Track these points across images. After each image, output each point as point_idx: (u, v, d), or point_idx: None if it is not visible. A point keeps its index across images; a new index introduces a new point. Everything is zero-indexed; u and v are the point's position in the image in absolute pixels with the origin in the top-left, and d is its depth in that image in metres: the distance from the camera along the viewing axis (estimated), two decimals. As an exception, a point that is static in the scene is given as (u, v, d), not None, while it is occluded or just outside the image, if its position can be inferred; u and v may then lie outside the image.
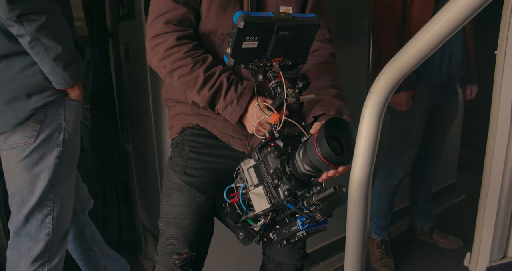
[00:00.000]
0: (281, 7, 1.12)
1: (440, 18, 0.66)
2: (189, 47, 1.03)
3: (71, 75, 1.27)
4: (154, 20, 1.07)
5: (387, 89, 0.76)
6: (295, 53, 0.96)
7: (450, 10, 0.64)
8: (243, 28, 0.80)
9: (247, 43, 0.85)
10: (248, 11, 1.01)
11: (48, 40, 1.18)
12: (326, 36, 1.21)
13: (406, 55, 0.73)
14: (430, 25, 0.68)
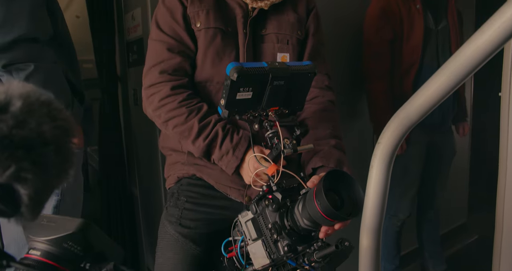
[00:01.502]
0: (278, 54, 1.13)
1: (446, 70, 0.67)
2: (184, 96, 1.04)
3: None
4: (150, 70, 1.08)
5: (395, 140, 0.76)
6: (292, 102, 0.95)
7: (455, 64, 0.66)
8: (236, 80, 0.79)
9: (241, 94, 0.84)
10: (241, 62, 1.01)
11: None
12: (326, 83, 1.20)
13: (413, 105, 0.73)
14: (437, 77, 0.69)
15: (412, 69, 1.91)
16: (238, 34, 1.11)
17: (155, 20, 1.12)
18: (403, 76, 1.93)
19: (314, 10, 1.23)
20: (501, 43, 0.59)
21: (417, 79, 1.93)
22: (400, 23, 1.90)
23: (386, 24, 1.88)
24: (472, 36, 0.62)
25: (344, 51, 2.04)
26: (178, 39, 1.09)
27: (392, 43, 1.91)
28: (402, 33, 1.90)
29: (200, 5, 1.09)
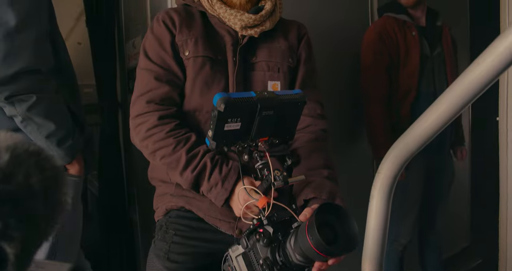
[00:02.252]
0: (268, 82, 1.12)
1: (444, 101, 0.68)
2: (171, 126, 1.02)
3: (66, 153, 1.25)
4: (137, 99, 1.07)
5: (394, 170, 0.77)
6: (282, 132, 0.93)
7: (452, 95, 0.67)
8: (223, 111, 0.78)
9: (229, 125, 0.82)
10: (230, 92, 1.02)
11: (40, 118, 1.17)
12: (318, 111, 1.18)
13: (413, 135, 0.74)
14: (434, 108, 0.70)
15: (410, 94, 1.93)
16: (228, 62, 1.11)
17: (143, 49, 1.12)
18: (400, 101, 1.95)
19: (305, 37, 1.23)
20: (496, 75, 0.61)
21: (415, 103, 1.94)
22: (397, 48, 1.93)
23: (383, 49, 1.91)
24: (467, 68, 0.64)
25: (342, 75, 2.07)
26: (166, 67, 1.08)
27: (389, 68, 1.93)
28: (398, 58, 1.93)
29: (189, 34, 1.09)
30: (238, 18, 1.08)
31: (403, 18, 1.95)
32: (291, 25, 1.22)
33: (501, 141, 1.51)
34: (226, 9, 1.09)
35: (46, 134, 1.20)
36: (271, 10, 1.13)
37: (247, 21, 1.08)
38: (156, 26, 1.11)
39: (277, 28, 1.17)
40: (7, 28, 1.11)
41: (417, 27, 1.96)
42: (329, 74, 2.00)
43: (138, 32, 1.99)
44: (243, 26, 1.09)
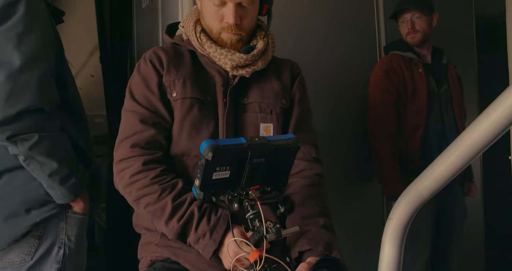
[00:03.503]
0: (261, 125, 1.07)
1: (455, 149, 0.68)
2: (157, 172, 0.96)
3: (70, 191, 1.23)
4: (121, 143, 1.02)
5: (407, 215, 0.76)
6: (274, 179, 0.87)
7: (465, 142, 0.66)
8: (211, 159, 0.73)
9: (218, 174, 0.77)
10: (219, 138, 0.98)
11: (42, 157, 1.17)
12: (313, 155, 1.12)
13: (425, 182, 0.73)
14: (446, 155, 0.70)
15: (418, 130, 1.93)
16: (218, 104, 1.06)
17: (129, 89, 1.08)
18: (409, 137, 1.94)
19: (299, 77, 1.19)
20: (507, 126, 0.60)
21: (424, 140, 1.94)
22: (404, 85, 1.95)
23: (391, 87, 1.93)
24: (478, 118, 0.64)
25: (350, 112, 2.09)
26: (153, 109, 1.03)
27: (396, 105, 1.95)
28: (406, 95, 1.95)
29: (177, 74, 1.05)
30: (228, 57, 1.04)
31: (410, 55, 1.98)
32: (284, 64, 1.19)
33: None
34: (217, 48, 1.05)
35: (48, 172, 1.19)
36: (263, 49, 1.10)
37: (238, 60, 1.04)
38: (143, 65, 1.08)
39: (270, 68, 1.14)
40: (11, 69, 1.12)
41: (424, 65, 2.00)
42: (337, 111, 2.02)
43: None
44: (234, 66, 1.05)
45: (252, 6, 1.05)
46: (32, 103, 1.14)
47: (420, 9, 1.95)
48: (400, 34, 2.07)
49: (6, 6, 1.16)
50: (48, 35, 1.24)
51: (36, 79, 1.16)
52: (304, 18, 1.90)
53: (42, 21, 1.23)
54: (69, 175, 1.22)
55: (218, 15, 1.04)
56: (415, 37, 1.97)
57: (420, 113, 1.93)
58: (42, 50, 1.20)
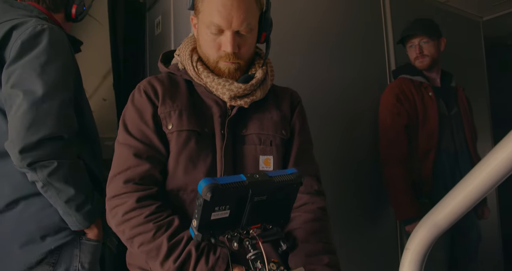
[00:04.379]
0: (260, 157, 1.03)
1: (473, 179, 0.68)
2: (151, 210, 0.90)
3: (85, 217, 1.25)
4: (114, 178, 0.96)
5: (424, 246, 0.75)
6: (275, 216, 0.83)
7: (483, 172, 0.67)
8: (210, 199, 0.68)
9: (217, 214, 0.72)
10: (217, 176, 0.92)
11: (60, 184, 1.19)
12: (315, 187, 1.07)
13: (442, 212, 0.73)
14: (464, 185, 0.70)
15: (430, 154, 1.92)
16: (215, 136, 1.01)
17: (123, 121, 1.02)
18: (421, 161, 1.93)
19: (299, 106, 1.15)
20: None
21: (436, 163, 1.92)
22: (415, 109, 1.95)
23: (401, 110, 1.93)
24: (495, 148, 0.64)
25: (361, 137, 2.09)
26: (147, 143, 0.98)
27: (407, 128, 1.94)
28: (417, 119, 1.95)
29: (173, 105, 1.01)
30: (226, 87, 1.00)
31: (420, 79, 2.00)
32: (283, 93, 1.15)
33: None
34: (214, 78, 1.01)
35: (65, 199, 1.21)
36: (262, 79, 1.06)
37: (236, 90, 1.00)
38: (137, 96, 1.03)
39: (269, 97, 1.10)
40: (33, 98, 1.16)
41: (433, 88, 2.00)
42: (348, 135, 2.02)
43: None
44: (232, 96, 1.01)
45: (250, 34, 1.01)
46: (53, 131, 1.17)
47: (427, 34, 1.97)
48: (408, 57, 2.09)
49: (32, 38, 1.21)
50: (68, 65, 1.29)
51: (56, 108, 1.20)
52: (312, 43, 1.93)
53: (64, 52, 1.28)
54: (85, 202, 1.24)
55: (216, 44, 1.00)
56: (424, 61, 1.99)
57: (431, 136, 1.93)
58: (63, 79, 1.24)
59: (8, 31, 1.23)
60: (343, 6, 2.09)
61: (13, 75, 1.18)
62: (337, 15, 2.06)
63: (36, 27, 1.23)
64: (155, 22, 2.20)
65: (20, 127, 1.14)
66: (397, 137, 1.92)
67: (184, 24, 1.78)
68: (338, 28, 2.05)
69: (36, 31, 1.22)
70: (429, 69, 2.02)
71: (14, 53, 1.20)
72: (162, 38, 2.08)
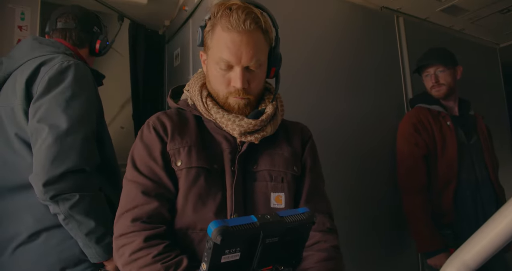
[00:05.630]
0: (271, 194, 1.01)
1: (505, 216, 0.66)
2: (159, 249, 0.88)
3: (105, 250, 1.25)
4: (121, 216, 0.94)
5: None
6: (287, 257, 0.81)
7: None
8: (220, 243, 0.66)
9: (227, 257, 0.70)
10: (225, 219, 0.86)
11: (81, 216, 1.20)
12: (327, 225, 1.04)
13: (471, 251, 0.70)
14: (494, 223, 0.68)
15: (451, 184, 1.88)
16: (225, 173, 0.99)
17: (131, 158, 1.01)
18: (441, 191, 1.89)
19: (310, 141, 1.14)
20: None
21: (457, 193, 1.88)
22: (433, 139, 1.93)
23: (419, 140, 1.91)
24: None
25: (380, 166, 2.07)
26: (156, 180, 0.96)
27: (426, 158, 1.92)
28: (435, 148, 1.92)
29: (182, 142, 0.99)
30: (236, 123, 0.99)
31: (437, 109, 1.98)
32: (294, 129, 1.14)
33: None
34: (224, 114, 1.00)
35: (86, 231, 1.22)
36: (272, 114, 1.05)
37: (246, 126, 0.99)
38: (146, 133, 1.03)
39: (279, 133, 1.09)
40: (58, 132, 1.20)
41: (451, 117, 1.98)
42: (368, 165, 2.00)
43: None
44: (242, 132, 0.99)
45: (260, 70, 1.01)
46: (76, 164, 1.20)
47: (443, 63, 1.97)
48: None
49: (59, 74, 1.27)
50: (92, 100, 1.33)
51: (80, 141, 1.23)
52: (325, 75, 1.95)
53: (88, 87, 1.33)
54: (105, 234, 1.25)
55: (225, 79, 0.99)
56: (440, 90, 1.98)
57: (451, 166, 1.89)
58: (86, 114, 1.28)
59: (37, 68, 1.28)
60: (357, 36, 2.12)
61: (40, 110, 1.22)
62: (351, 46, 2.08)
63: (62, 63, 1.28)
64: (174, 54, 2.27)
65: (44, 161, 1.17)
66: (416, 167, 1.89)
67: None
68: (352, 59, 2.07)
69: (63, 67, 1.28)
70: (446, 98, 2.00)
71: (42, 89, 1.25)
72: (181, 69, 2.14)
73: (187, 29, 2.05)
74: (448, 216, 1.87)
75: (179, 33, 2.21)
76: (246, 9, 0.96)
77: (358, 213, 1.92)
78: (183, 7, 2.04)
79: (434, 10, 2.38)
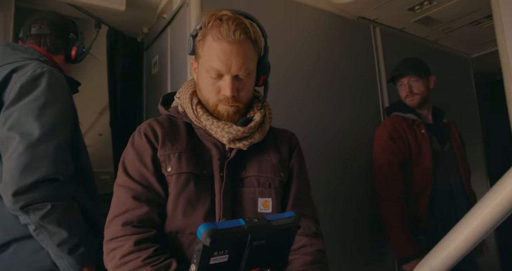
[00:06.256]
0: (259, 199, 1.04)
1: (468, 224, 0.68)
2: (149, 253, 0.90)
3: (77, 260, 1.22)
4: (112, 221, 0.97)
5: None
6: (274, 259, 0.84)
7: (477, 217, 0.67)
8: (209, 245, 0.69)
9: (216, 259, 0.73)
10: (215, 222, 0.92)
11: (53, 226, 1.17)
12: (313, 229, 1.07)
13: (438, 258, 0.72)
14: (458, 230, 0.70)
15: (426, 191, 1.92)
16: (214, 178, 1.02)
17: (122, 164, 1.04)
18: (417, 198, 1.93)
19: (297, 148, 1.17)
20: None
21: (432, 199, 1.92)
22: (409, 147, 1.97)
23: (395, 148, 1.95)
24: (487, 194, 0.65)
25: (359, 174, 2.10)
26: (146, 185, 0.99)
27: (402, 166, 1.95)
28: (411, 156, 1.96)
29: (172, 148, 1.02)
30: (225, 130, 1.02)
31: (412, 117, 2.03)
32: (281, 136, 1.17)
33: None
34: (213, 121, 1.03)
35: (58, 242, 1.19)
36: (261, 121, 1.08)
37: (235, 133, 1.02)
38: (137, 139, 1.05)
39: (267, 140, 1.12)
40: (30, 140, 1.17)
41: (426, 125, 2.03)
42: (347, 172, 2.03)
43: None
44: (231, 139, 1.03)
45: (249, 78, 1.04)
46: (48, 174, 1.17)
47: (416, 73, 2.02)
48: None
49: (31, 81, 1.24)
50: (66, 107, 1.31)
51: (52, 150, 1.20)
52: (307, 84, 1.98)
53: (62, 95, 1.30)
54: (78, 245, 1.22)
55: (215, 88, 1.02)
56: (414, 99, 2.03)
57: (426, 173, 1.93)
58: (60, 122, 1.25)
59: (8, 74, 1.25)
60: (336, 46, 2.16)
61: (11, 118, 1.19)
62: (331, 55, 2.12)
63: (35, 70, 1.26)
64: (152, 61, 2.25)
65: (14, 170, 1.14)
66: (392, 175, 1.93)
67: (180, 65, 1.82)
68: (332, 67, 2.11)
69: (36, 74, 1.25)
70: (420, 106, 2.05)
71: (13, 96, 1.22)
72: (159, 77, 2.12)
73: (166, 36, 2.04)
74: (423, 222, 1.91)
75: (157, 41, 2.20)
76: (236, 20, 0.99)
77: (335, 219, 1.93)
78: (161, 15, 2.04)
79: (409, 21, 2.45)
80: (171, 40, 1.98)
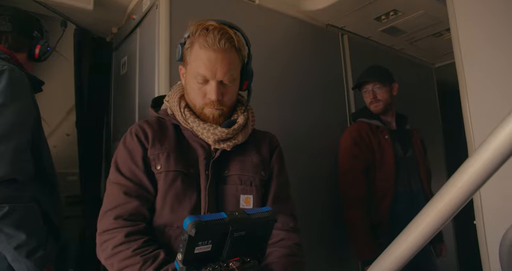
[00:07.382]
0: (241, 196, 1.12)
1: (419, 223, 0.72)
2: (139, 244, 0.98)
3: (36, 263, 1.20)
4: (105, 214, 1.04)
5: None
6: (253, 250, 0.91)
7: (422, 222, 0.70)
8: (194, 235, 0.76)
9: (200, 248, 0.81)
10: (201, 214, 1.01)
11: (11, 229, 1.15)
12: (291, 225, 1.16)
13: (389, 260, 0.76)
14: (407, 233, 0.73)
15: (388, 195, 1.97)
16: (200, 176, 1.10)
17: (115, 162, 1.11)
18: (379, 202, 1.98)
19: (277, 150, 1.26)
20: (470, 195, 0.63)
21: (393, 204, 1.98)
22: (372, 152, 2.02)
23: (359, 154, 2.00)
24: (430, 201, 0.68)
25: (323, 178, 2.14)
26: (137, 182, 1.07)
27: (365, 171, 2.01)
28: (374, 161, 2.02)
29: (161, 148, 1.10)
30: (211, 132, 1.10)
31: (376, 123, 2.09)
32: (263, 138, 1.26)
33: (481, 243, 1.51)
34: (200, 123, 1.11)
35: (15, 245, 1.16)
36: (244, 124, 1.16)
37: (220, 135, 1.10)
38: (129, 139, 1.13)
39: (250, 141, 1.20)
40: None
41: (389, 131, 2.10)
42: (310, 176, 2.06)
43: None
44: (216, 140, 1.10)
45: (233, 84, 1.13)
46: (5, 174, 1.14)
47: (379, 81, 2.09)
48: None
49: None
50: (27, 107, 1.27)
51: (11, 150, 1.17)
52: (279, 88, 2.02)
53: (23, 94, 1.27)
54: (37, 248, 1.19)
55: (201, 92, 1.10)
56: (378, 106, 2.09)
57: (388, 178, 1.99)
58: (20, 122, 1.22)
59: None
60: (305, 52, 2.21)
61: None
62: (300, 61, 2.16)
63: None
64: (121, 62, 2.22)
65: None
66: (355, 179, 1.98)
67: (149, 66, 1.81)
68: (301, 73, 2.15)
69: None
70: (383, 113, 2.12)
71: None
72: (127, 78, 2.10)
73: (135, 37, 2.02)
74: (384, 226, 1.96)
75: (126, 41, 2.18)
76: (221, 30, 1.07)
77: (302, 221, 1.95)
78: (131, 16, 2.02)
79: (375, 30, 2.53)
80: (140, 41, 1.97)
